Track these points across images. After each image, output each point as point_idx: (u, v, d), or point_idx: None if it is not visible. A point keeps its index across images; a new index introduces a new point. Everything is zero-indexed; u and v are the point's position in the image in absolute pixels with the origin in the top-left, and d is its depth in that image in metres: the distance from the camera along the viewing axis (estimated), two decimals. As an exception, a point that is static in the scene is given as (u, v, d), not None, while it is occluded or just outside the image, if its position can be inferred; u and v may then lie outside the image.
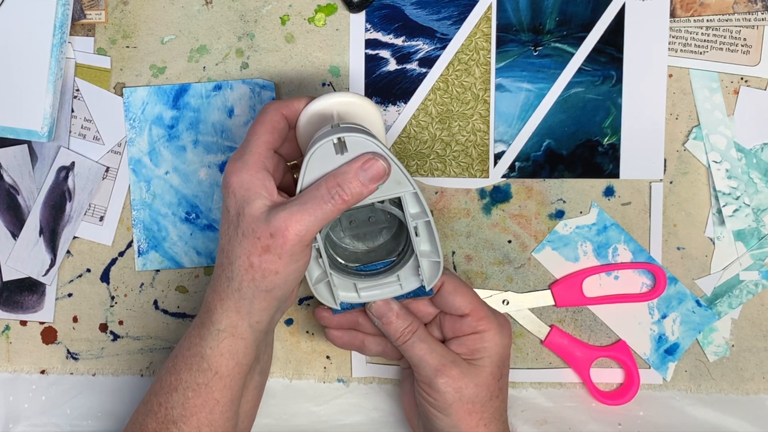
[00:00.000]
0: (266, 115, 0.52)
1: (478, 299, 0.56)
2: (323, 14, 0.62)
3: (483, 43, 0.61)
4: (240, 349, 0.52)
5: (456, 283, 0.55)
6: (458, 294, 0.55)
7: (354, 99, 0.53)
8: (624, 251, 0.61)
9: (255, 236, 0.49)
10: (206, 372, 0.52)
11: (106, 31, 0.63)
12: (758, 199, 0.60)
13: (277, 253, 0.49)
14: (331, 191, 0.49)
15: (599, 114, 0.61)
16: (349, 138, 0.49)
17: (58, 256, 0.64)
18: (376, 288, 0.55)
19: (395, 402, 0.64)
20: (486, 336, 0.54)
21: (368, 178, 0.49)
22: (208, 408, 0.52)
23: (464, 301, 0.55)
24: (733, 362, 0.61)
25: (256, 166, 0.50)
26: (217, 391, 0.52)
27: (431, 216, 0.52)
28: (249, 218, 0.49)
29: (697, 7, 0.60)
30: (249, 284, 0.50)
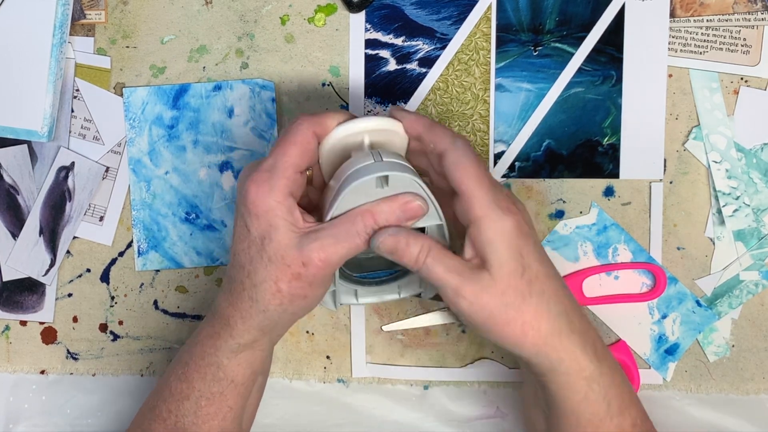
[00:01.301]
0: (298, 135, 0.50)
1: (479, 179, 0.49)
2: (323, 14, 0.62)
3: (483, 43, 0.61)
4: (257, 359, 0.53)
5: (462, 153, 0.50)
6: (460, 167, 0.49)
7: (387, 125, 0.52)
8: (624, 251, 0.61)
9: (285, 263, 0.49)
10: (222, 381, 0.52)
11: (106, 31, 0.63)
12: (758, 199, 0.60)
13: (308, 281, 0.49)
14: (367, 228, 0.49)
15: (599, 114, 0.61)
16: (393, 176, 0.49)
17: (58, 256, 0.64)
18: (375, 294, 0.55)
19: (395, 402, 0.64)
20: (483, 225, 0.48)
21: (405, 218, 0.49)
22: (221, 416, 0.52)
23: (464, 177, 0.49)
24: (733, 362, 0.61)
25: (284, 191, 0.49)
26: (231, 399, 0.52)
27: (449, 243, 0.52)
28: (278, 245, 0.49)
29: (697, 7, 0.60)
30: (276, 308, 0.50)
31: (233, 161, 0.62)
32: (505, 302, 0.48)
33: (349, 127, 0.51)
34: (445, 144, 0.50)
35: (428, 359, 0.63)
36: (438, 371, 0.63)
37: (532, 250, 0.49)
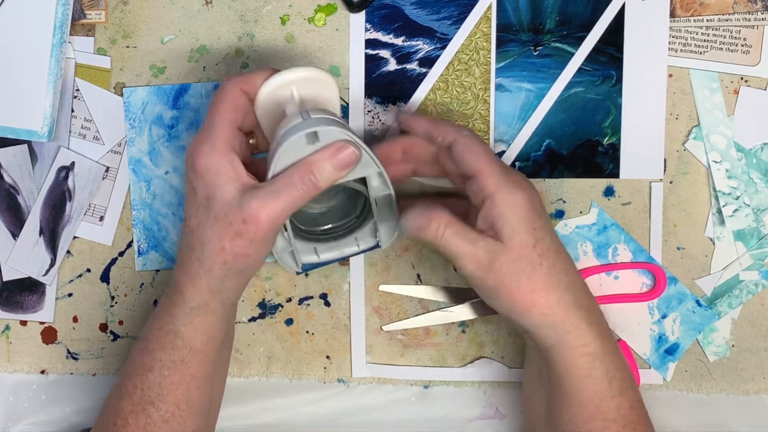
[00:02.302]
0: (227, 93, 0.52)
1: (489, 159, 0.52)
2: (323, 14, 0.62)
3: (483, 43, 0.61)
4: (212, 323, 0.53)
5: (469, 141, 0.53)
6: (469, 153, 0.52)
7: (313, 73, 0.53)
8: (624, 251, 0.61)
9: (227, 221, 0.50)
10: (181, 349, 0.53)
11: (106, 31, 0.63)
12: (758, 199, 0.60)
13: (249, 238, 0.50)
14: (303, 179, 0.50)
15: (599, 114, 0.61)
16: (321, 131, 0.50)
17: (58, 256, 0.64)
18: (335, 249, 0.57)
19: (395, 402, 0.64)
20: (496, 199, 0.51)
21: (340, 166, 0.50)
22: (185, 384, 0.53)
23: (474, 159, 0.52)
24: (733, 362, 0.61)
25: (224, 148, 0.51)
26: (192, 366, 0.53)
27: (393, 190, 0.54)
28: (221, 203, 0.50)
29: (697, 7, 0.60)
30: (221, 266, 0.51)
31: (233, 161, 0.62)
32: (516, 269, 0.50)
33: (274, 81, 0.52)
34: (453, 134, 0.53)
35: (428, 359, 0.63)
36: (438, 371, 0.63)
37: (543, 224, 0.51)
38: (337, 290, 0.63)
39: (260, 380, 0.64)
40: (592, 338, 0.51)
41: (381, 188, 0.54)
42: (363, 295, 0.63)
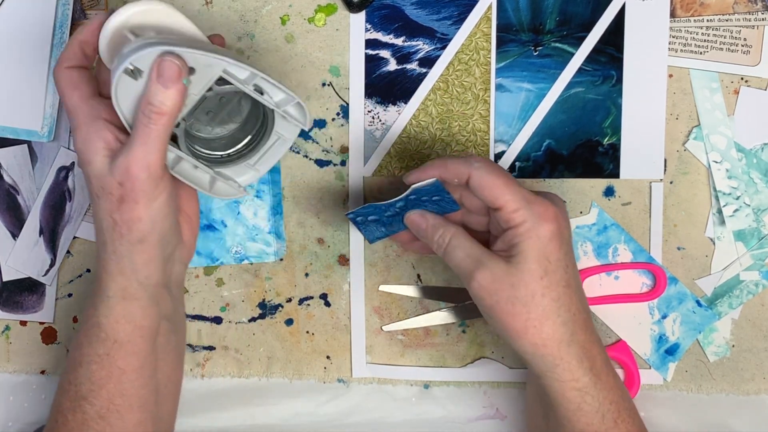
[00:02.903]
0: (58, 74, 0.51)
1: (512, 188, 0.50)
2: (323, 14, 0.62)
3: (483, 43, 0.61)
4: (135, 311, 0.51)
5: (484, 173, 0.50)
6: (487, 187, 0.50)
7: (144, 7, 0.50)
8: (624, 251, 0.61)
9: (107, 192, 0.48)
10: (105, 342, 0.51)
11: (106, 31, 0.63)
12: (758, 199, 0.60)
13: (132, 199, 0.48)
14: (146, 114, 0.48)
15: (599, 114, 0.61)
16: (134, 60, 0.47)
17: (58, 256, 0.64)
18: (269, 154, 0.55)
19: (395, 402, 0.64)
20: (520, 230, 0.50)
21: (168, 82, 0.47)
22: (114, 378, 0.51)
23: (494, 194, 0.50)
24: (734, 362, 0.61)
25: (86, 119, 0.49)
26: (120, 359, 0.51)
27: (258, 69, 0.50)
28: (95, 178, 0.49)
29: (697, 7, 0.60)
30: (119, 241, 0.49)
31: (233, 161, 0.62)
32: (515, 295, 0.49)
33: (109, 25, 0.49)
34: (464, 169, 0.51)
35: (428, 359, 0.63)
36: (438, 371, 0.63)
37: (561, 256, 0.50)
38: (337, 290, 0.63)
39: (260, 380, 0.64)
40: (582, 373, 0.50)
41: (249, 76, 0.51)
42: (363, 295, 0.63)
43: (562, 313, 0.50)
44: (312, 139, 0.62)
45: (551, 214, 0.50)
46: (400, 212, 0.55)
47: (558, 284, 0.50)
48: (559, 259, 0.50)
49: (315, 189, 0.63)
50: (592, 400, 0.50)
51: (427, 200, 0.54)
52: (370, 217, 0.56)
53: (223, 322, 0.64)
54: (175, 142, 0.51)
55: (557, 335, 0.50)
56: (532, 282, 0.49)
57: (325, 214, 0.63)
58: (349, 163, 0.62)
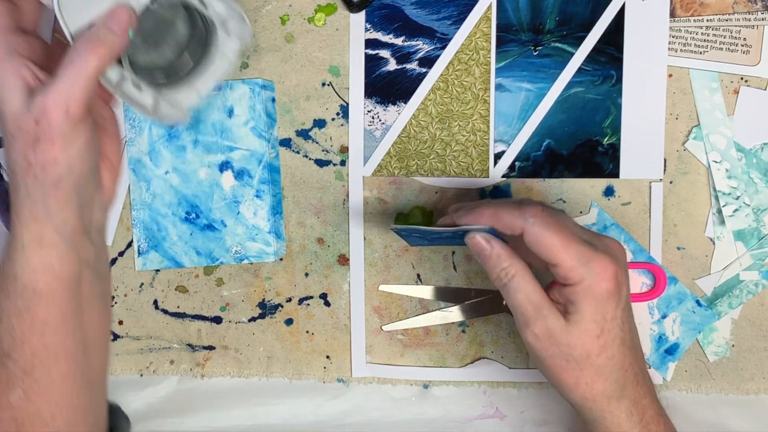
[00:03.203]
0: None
1: (569, 247, 0.48)
2: (323, 14, 0.62)
3: (483, 43, 0.61)
4: (53, 259, 0.47)
5: (539, 229, 0.49)
6: (543, 245, 0.49)
7: None
8: (624, 251, 0.61)
9: (24, 131, 0.45)
10: (24, 293, 0.47)
11: (106, 30, 0.63)
12: (758, 199, 0.60)
13: (49, 138, 0.45)
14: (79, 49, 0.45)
15: (599, 114, 0.61)
16: None
17: (57, 256, 0.64)
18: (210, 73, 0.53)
19: (395, 402, 0.64)
20: (577, 288, 0.49)
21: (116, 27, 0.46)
22: (38, 332, 0.48)
23: (550, 252, 0.49)
24: (733, 362, 0.61)
25: (2, 55, 0.46)
26: (41, 311, 0.48)
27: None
28: (12, 116, 0.45)
29: (697, 7, 0.60)
30: (33, 184, 0.46)
31: (233, 161, 0.62)
32: (570, 353, 0.49)
33: None
34: (518, 224, 0.49)
35: (428, 359, 0.63)
36: (438, 371, 0.63)
37: (618, 314, 0.50)
38: (337, 290, 0.63)
39: (260, 380, 0.64)
40: (630, 426, 0.51)
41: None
42: (363, 295, 0.63)
43: (615, 372, 0.50)
44: (312, 139, 0.63)
45: (610, 273, 0.49)
46: (446, 238, 0.54)
47: (613, 343, 0.50)
48: (616, 317, 0.49)
49: (315, 189, 0.63)
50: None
51: None
52: (414, 234, 0.56)
53: (223, 322, 0.64)
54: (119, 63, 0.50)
55: (608, 392, 0.50)
56: (588, 342, 0.49)
57: (325, 214, 0.63)
58: (348, 162, 0.62)
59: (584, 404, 0.51)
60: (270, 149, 0.62)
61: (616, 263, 0.49)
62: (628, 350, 0.51)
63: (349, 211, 0.63)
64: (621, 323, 0.50)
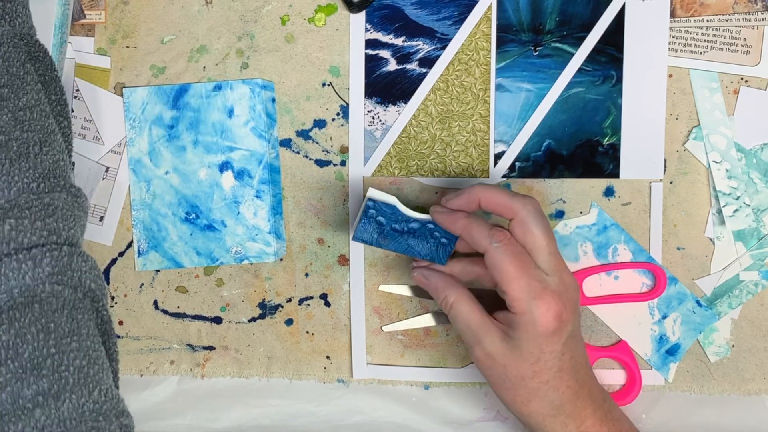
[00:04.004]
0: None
1: (520, 280, 0.51)
2: (323, 14, 0.62)
3: (483, 43, 0.61)
4: None
5: (498, 255, 0.52)
6: (497, 270, 0.52)
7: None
8: (624, 251, 0.61)
9: None
10: None
11: (106, 31, 0.63)
12: (758, 199, 0.60)
13: None
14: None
15: (599, 114, 0.61)
16: None
17: (57, 256, 0.64)
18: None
19: (395, 402, 0.64)
20: (519, 319, 0.51)
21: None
22: None
23: (502, 279, 0.51)
24: (734, 362, 0.61)
25: None
26: None
27: None
28: None
29: (697, 8, 0.60)
30: None
31: (233, 161, 0.62)
32: (505, 374, 0.53)
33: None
34: (483, 243, 0.53)
35: (428, 360, 0.63)
36: (438, 372, 0.63)
37: (557, 348, 0.52)
38: (337, 290, 0.63)
39: (260, 380, 0.64)
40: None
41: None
42: (363, 296, 0.63)
43: (549, 393, 0.53)
44: (312, 139, 0.63)
45: (553, 312, 0.51)
46: (404, 232, 0.56)
47: (549, 371, 0.52)
48: (554, 351, 0.52)
49: (315, 189, 0.63)
50: None
51: (438, 236, 0.56)
52: (380, 218, 0.56)
53: (223, 322, 0.64)
54: None
55: (542, 410, 0.53)
56: (522, 367, 0.52)
57: (325, 214, 0.63)
58: (349, 163, 0.62)
59: (521, 418, 0.54)
60: (270, 149, 0.62)
61: (563, 303, 0.51)
62: (567, 374, 0.53)
63: (350, 211, 0.63)
64: (560, 355, 0.52)
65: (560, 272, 0.52)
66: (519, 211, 0.52)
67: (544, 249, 0.52)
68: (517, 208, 0.52)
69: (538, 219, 0.52)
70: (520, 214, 0.52)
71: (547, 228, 0.53)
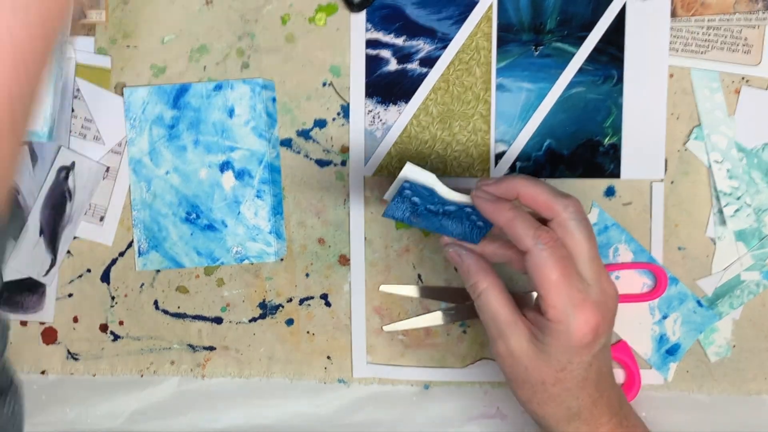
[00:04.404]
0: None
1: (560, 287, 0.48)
2: (324, 14, 0.62)
3: (484, 43, 0.61)
4: None
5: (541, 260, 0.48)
6: (537, 276, 0.49)
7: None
8: (625, 251, 0.61)
9: None
10: None
11: (107, 30, 0.63)
12: (759, 199, 0.60)
13: None
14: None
15: (600, 114, 0.61)
16: None
17: (58, 256, 0.64)
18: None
19: (395, 402, 0.64)
20: (553, 327, 0.49)
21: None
22: None
23: (542, 285, 0.49)
24: (735, 363, 0.61)
25: None
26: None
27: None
28: None
29: (698, 7, 0.60)
30: None
31: (234, 161, 0.62)
32: (526, 375, 0.51)
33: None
34: (527, 243, 0.49)
35: (429, 359, 0.63)
36: (439, 371, 0.63)
37: (586, 359, 0.50)
38: (338, 290, 0.63)
39: (260, 380, 0.64)
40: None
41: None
42: (364, 296, 0.63)
43: (568, 400, 0.51)
44: (313, 139, 0.62)
45: (591, 325, 0.49)
46: (440, 213, 0.54)
47: (573, 379, 0.50)
48: (583, 362, 0.50)
49: (315, 189, 0.63)
50: None
51: (474, 219, 0.53)
52: (414, 198, 0.53)
53: (224, 322, 0.64)
54: None
55: (557, 415, 0.51)
56: (546, 372, 0.50)
57: (325, 214, 0.63)
58: (349, 163, 0.62)
59: (534, 418, 0.53)
60: (271, 149, 0.62)
61: (602, 315, 0.49)
62: (590, 384, 0.51)
63: (350, 211, 0.63)
64: (588, 366, 0.50)
65: (601, 280, 0.50)
66: (560, 213, 0.49)
67: (585, 254, 0.49)
68: (559, 209, 0.49)
69: (580, 222, 0.49)
70: (561, 215, 0.49)
71: (589, 231, 0.50)
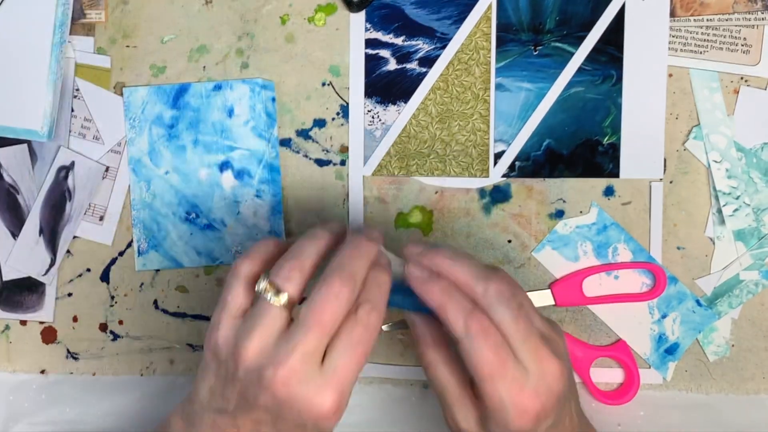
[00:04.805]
0: None
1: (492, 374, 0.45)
2: (323, 14, 0.62)
3: (483, 43, 0.61)
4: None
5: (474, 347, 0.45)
6: (469, 362, 0.46)
7: None
8: (624, 251, 0.61)
9: None
10: None
11: (106, 30, 0.63)
12: (758, 198, 0.60)
13: None
14: None
15: (599, 113, 0.61)
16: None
17: (58, 255, 0.64)
18: None
19: (395, 402, 0.64)
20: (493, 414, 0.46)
21: None
22: None
23: (474, 373, 0.46)
24: (733, 362, 0.61)
25: None
26: None
27: None
28: None
29: (697, 7, 0.60)
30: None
31: (233, 161, 0.62)
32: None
33: None
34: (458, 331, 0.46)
35: (428, 359, 0.63)
36: (438, 371, 0.63)
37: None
38: (337, 290, 0.63)
39: (260, 380, 0.64)
40: None
41: None
42: (363, 295, 0.63)
43: None
44: (312, 139, 0.63)
45: (530, 415, 0.46)
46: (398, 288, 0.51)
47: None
48: None
49: (315, 189, 0.63)
50: None
51: None
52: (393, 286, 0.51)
53: (223, 322, 0.64)
54: None
55: None
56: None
57: (325, 214, 0.63)
58: (349, 162, 0.62)
59: None
60: (270, 149, 0.62)
61: (543, 400, 0.46)
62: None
63: (349, 211, 0.63)
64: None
65: (541, 362, 0.46)
66: (481, 297, 0.46)
67: (517, 337, 0.46)
68: (479, 292, 0.46)
69: (504, 303, 0.46)
70: (482, 300, 0.46)
71: (517, 311, 0.46)
